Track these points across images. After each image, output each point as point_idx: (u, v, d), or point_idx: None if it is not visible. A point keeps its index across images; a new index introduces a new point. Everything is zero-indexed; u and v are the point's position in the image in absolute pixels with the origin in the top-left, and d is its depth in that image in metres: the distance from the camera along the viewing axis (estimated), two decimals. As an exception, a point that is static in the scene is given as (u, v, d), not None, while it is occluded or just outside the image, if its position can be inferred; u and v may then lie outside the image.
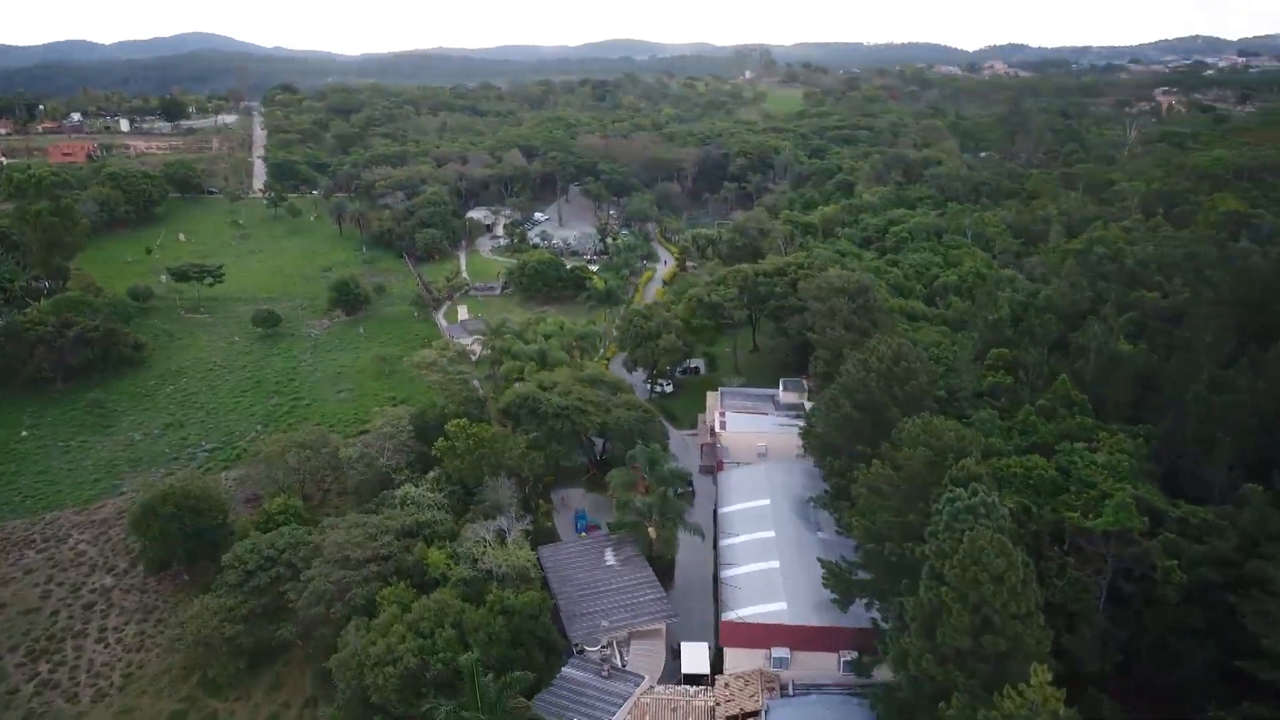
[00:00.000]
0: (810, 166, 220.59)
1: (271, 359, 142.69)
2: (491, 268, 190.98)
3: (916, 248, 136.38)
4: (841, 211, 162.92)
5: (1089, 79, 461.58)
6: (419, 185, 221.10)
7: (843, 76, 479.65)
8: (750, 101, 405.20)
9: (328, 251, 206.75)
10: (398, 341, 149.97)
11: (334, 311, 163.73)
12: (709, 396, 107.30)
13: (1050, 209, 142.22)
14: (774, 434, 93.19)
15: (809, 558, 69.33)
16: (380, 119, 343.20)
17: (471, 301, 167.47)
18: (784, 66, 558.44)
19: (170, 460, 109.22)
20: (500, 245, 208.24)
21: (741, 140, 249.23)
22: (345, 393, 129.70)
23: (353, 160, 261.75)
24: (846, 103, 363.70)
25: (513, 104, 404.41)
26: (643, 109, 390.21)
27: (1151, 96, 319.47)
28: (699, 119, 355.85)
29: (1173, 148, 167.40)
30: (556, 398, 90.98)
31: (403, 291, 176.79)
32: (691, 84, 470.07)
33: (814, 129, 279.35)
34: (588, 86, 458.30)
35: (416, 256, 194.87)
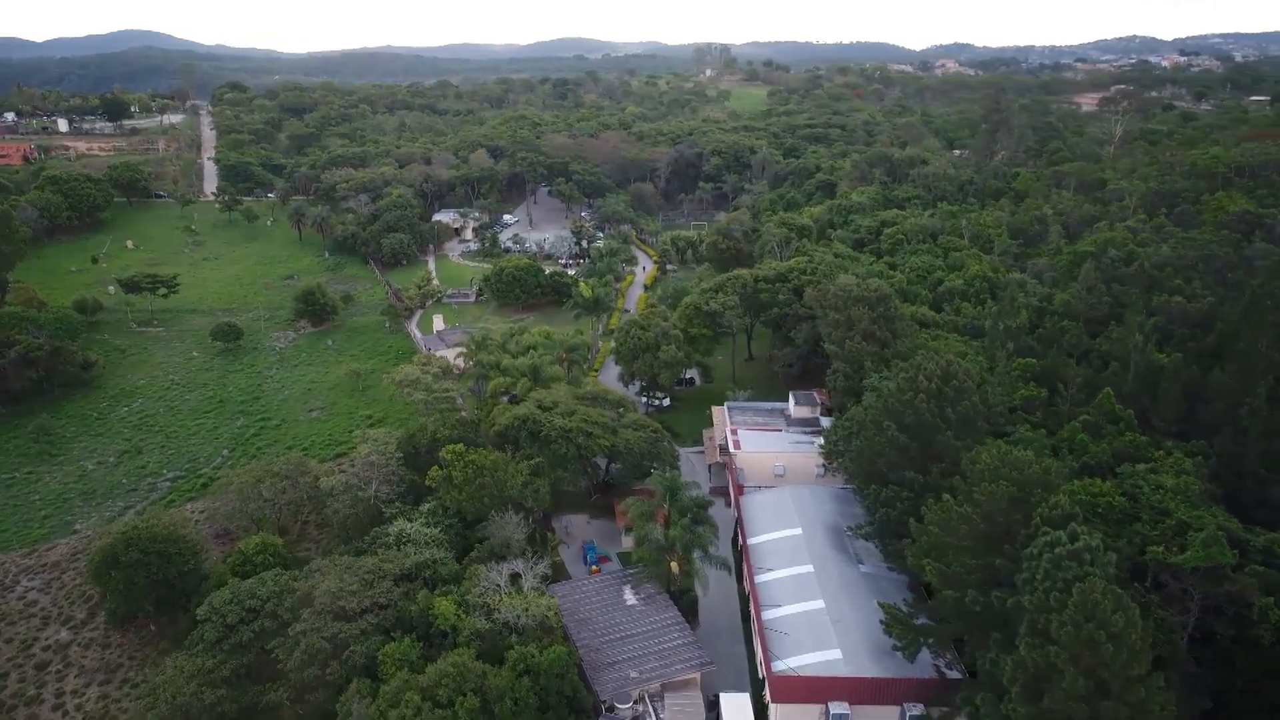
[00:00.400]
0: (788, 166, 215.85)
1: (234, 375, 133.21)
2: (463, 274, 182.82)
3: (914, 250, 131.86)
4: (829, 212, 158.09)
5: (1048, 77, 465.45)
6: (382, 187, 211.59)
7: (804, 75, 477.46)
8: (714, 100, 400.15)
9: (288, 258, 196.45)
10: (370, 354, 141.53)
11: (299, 323, 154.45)
12: (715, 412, 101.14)
13: (1045, 209, 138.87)
14: (791, 453, 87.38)
15: (856, 596, 63.57)
16: (336, 118, 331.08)
17: (445, 310, 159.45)
18: (744, 64, 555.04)
19: (128, 492, 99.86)
20: (470, 250, 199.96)
21: (714, 139, 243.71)
22: (317, 411, 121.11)
23: (310, 161, 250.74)
24: (812, 101, 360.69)
25: (472, 103, 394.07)
26: (605, 107, 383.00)
27: (1137, 94, 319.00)
28: (664, 117, 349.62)
29: (1150, 145, 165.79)
30: (560, 419, 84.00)
31: (371, 300, 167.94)
32: (653, 82, 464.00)
33: (784, 127, 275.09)
34: (548, 85, 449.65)
35: (383, 262, 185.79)
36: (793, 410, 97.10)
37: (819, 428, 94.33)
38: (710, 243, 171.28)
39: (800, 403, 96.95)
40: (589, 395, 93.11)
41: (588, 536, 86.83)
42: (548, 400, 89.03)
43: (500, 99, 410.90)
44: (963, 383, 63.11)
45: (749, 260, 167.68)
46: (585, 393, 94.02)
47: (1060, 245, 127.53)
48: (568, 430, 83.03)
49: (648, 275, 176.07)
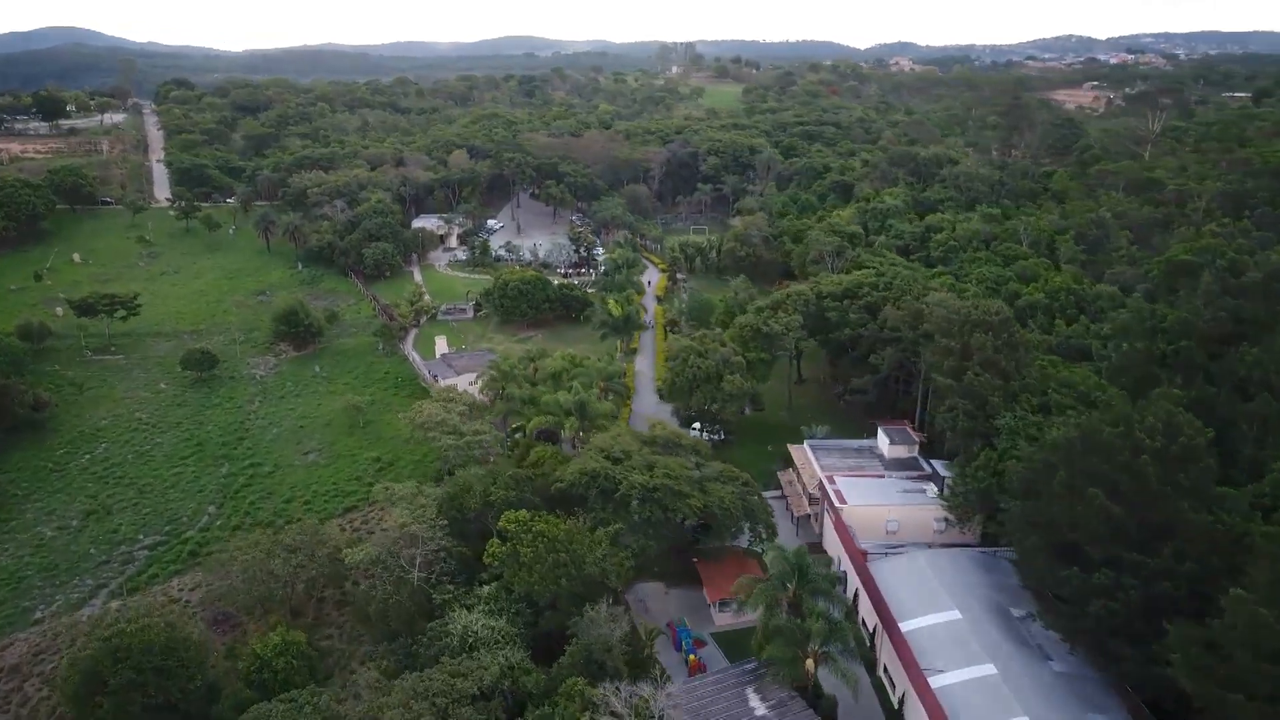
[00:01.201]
0: (790, 165, 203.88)
1: (212, 411, 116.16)
2: (454, 286, 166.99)
3: (972, 258, 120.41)
4: (860, 216, 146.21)
5: (1019, 74, 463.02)
6: (358, 191, 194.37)
7: (776, 72, 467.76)
8: (688, 97, 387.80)
9: (257, 271, 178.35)
10: (364, 382, 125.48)
11: (279, 346, 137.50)
12: (795, 452, 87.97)
13: (1101, 211, 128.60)
14: (903, 506, 74.67)
15: (1063, 710, 50.82)
16: (294, 117, 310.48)
17: (444, 329, 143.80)
18: (712, 61, 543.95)
19: (98, 566, 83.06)
20: (458, 259, 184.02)
21: (708, 138, 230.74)
22: (315, 454, 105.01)
23: (271, 163, 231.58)
24: (792, 98, 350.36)
25: (435, 100, 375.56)
26: (576, 105, 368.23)
27: (1176, 90, 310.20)
28: (639, 115, 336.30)
29: (1197, 142, 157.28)
30: (638, 475, 69.95)
31: (357, 318, 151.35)
32: (622, 79, 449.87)
33: (774, 125, 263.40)
34: (512, 82, 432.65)
35: (365, 275, 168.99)
36: (886, 449, 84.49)
37: (922, 470, 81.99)
38: (727, 249, 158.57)
39: (895, 441, 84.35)
40: (662, 440, 79.13)
41: (668, 611, 73.12)
42: (616, 448, 74.86)
43: (465, 96, 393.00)
44: (1192, 439, 50.81)
45: (771, 269, 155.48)
46: (655, 436, 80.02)
47: (1132, 252, 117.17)
48: (651, 489, 69.05)
49: (657, 285, 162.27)
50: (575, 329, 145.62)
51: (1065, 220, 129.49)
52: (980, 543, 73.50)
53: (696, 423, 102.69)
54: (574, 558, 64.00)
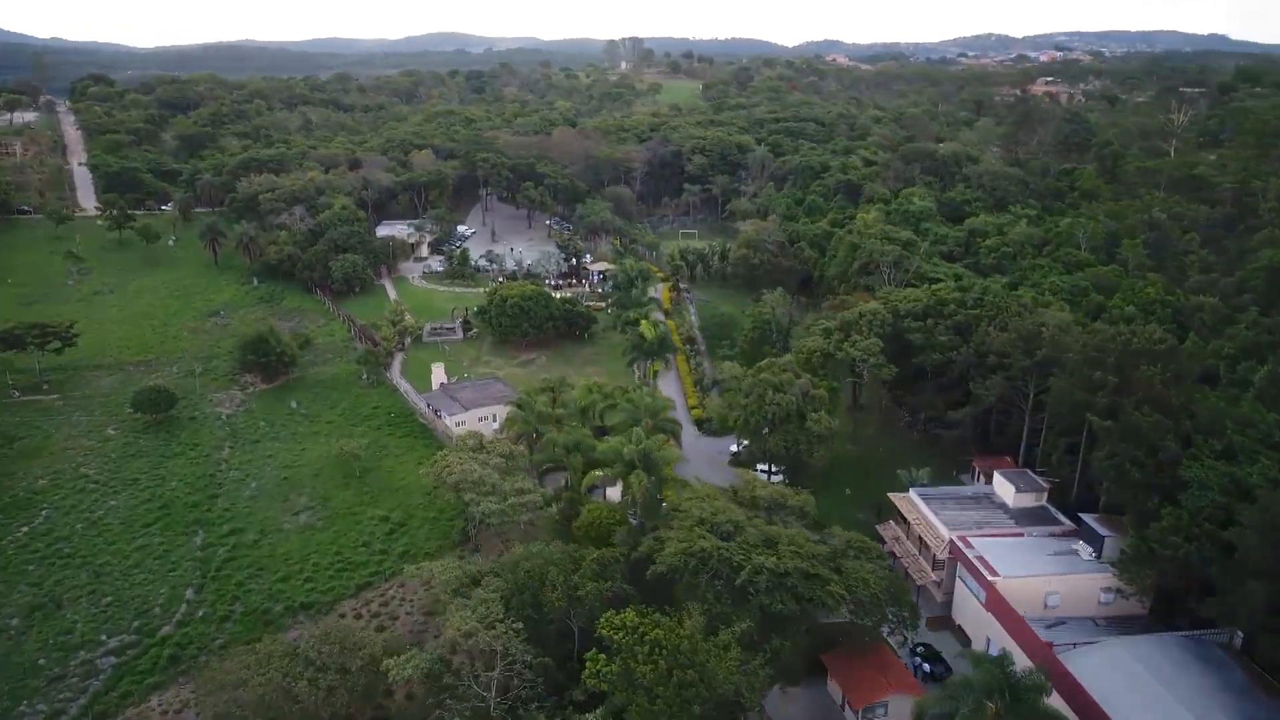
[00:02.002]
0: (783, 164, 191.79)
1: (174, 462, 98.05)
2: (433, 301, 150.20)
3: (1032, 265, 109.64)
4: (887, 218, 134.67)
5: (972, 69, 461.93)
6: (316, 197, 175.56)
7: (731, 67, 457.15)
8: (645, 93, 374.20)
9: (206, 288, 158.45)
10: (351, 418, 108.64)
11: (245, 378, 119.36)
12: (899, 502, 75.05)
13: (1155, 212, 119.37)
14: (1065, 576, 62.33)
15: None
16: (229, 115, 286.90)
17: (433, 351, 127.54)
18: (663, 57, 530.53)
19: (53, 683, 65.44)
20: (433, 270, 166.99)
21: (690, 135, 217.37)
22: (307, 513, 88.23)
23: (211, 165, 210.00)
24: (757, 94, 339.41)
25: (380, 97, 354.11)
26: (530, 101, 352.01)
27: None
28: (598, 111, 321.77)
29: (1230, 139, 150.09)
30: (764, 557, 55.98)
31: (331, 342, 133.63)
32: (574, 75, 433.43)
33: (750, 121, 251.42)
34: (459, 78, 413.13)
35: (333, 291, 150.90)
36: (1011, 498, 72.19)
37: (1058, 523, 69.97)
38: (738, 257, 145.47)
39: (1022, 488, 72.14)
40: (765, 501, 65.27)
41: (792, 716, 59.52)
42: (720, 518, 60.71)
43: (410, 93, 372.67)
44: None
45: (788, 277, 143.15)
46: (756, 496, 66.11)
47: (1203, 256, 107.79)
48: (781, 574, 55.16)
49: (661, 298, 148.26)
50: (580, 348, 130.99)
51: (1116, 221, 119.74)
52: (1152, 616, 61.69)
53: (760, 464, 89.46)
54: (703, 674, 49.91)
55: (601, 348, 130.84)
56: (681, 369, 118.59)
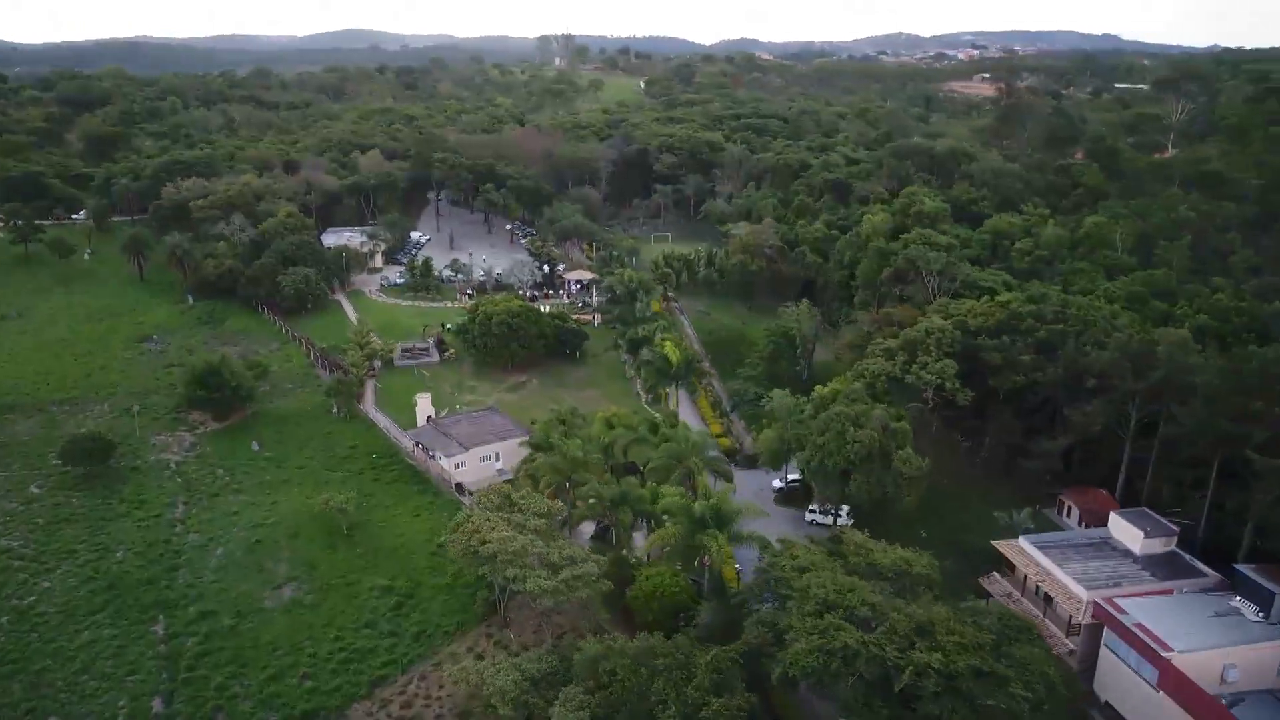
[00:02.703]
0: (763, 162, 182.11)
1: (118, 525, 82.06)
2: (396, 318, 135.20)
3: (1072, 269, 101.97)
4: (899, 221, 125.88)
5: (907, 66, 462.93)
6: (255, 203, 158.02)
7: (671, 63, 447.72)
8: (587, 90, 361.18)
9: (133, 309, 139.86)
10: (326, 461, 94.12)
11: (192, 416, 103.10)
12: (1007, 551, 65.11)
13: (1182, 210, 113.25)
14: (1246, 647, 53.19)
15: None
16: (141, 113, 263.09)
17: (403, 376, 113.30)
18: (598, 54, 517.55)
19: None
20: (392, 282, 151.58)
21: (655, 133, 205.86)
22: (291, 586, 73.95)
23: (128, 170, 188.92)
24: (701, 90, 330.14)
25: (305, 94, 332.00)
26: (466, 99, 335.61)
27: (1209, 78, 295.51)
28: (540, 109, 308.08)
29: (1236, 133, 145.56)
30: (925, 654, 45.00)
31: (288, 369, 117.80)
32: (510, 72, 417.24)
33: (709, 118, 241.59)
34: (388, 73, 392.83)
35: (283, 309, 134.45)
36: (1138, 545, 63.00)
37: (1197, 573, 61.04)
38: (735, 263, 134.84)
39: (1151, 532, 62.99)
40: (889, 569, 54.30)
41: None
42: (851, 599, 49.47)
43: (338, 90, 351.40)
44: None
45: (790, 285, 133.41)
46: (875, 561, 55.06)
47: (1247, 256, 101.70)
48: (951, 675, 44.24)
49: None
50: (572, 369, 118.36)
51: (1144, 222, 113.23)
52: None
53: (815, 505, 78.84)
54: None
55: (596, 368, 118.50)
56: (700, 392, 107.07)
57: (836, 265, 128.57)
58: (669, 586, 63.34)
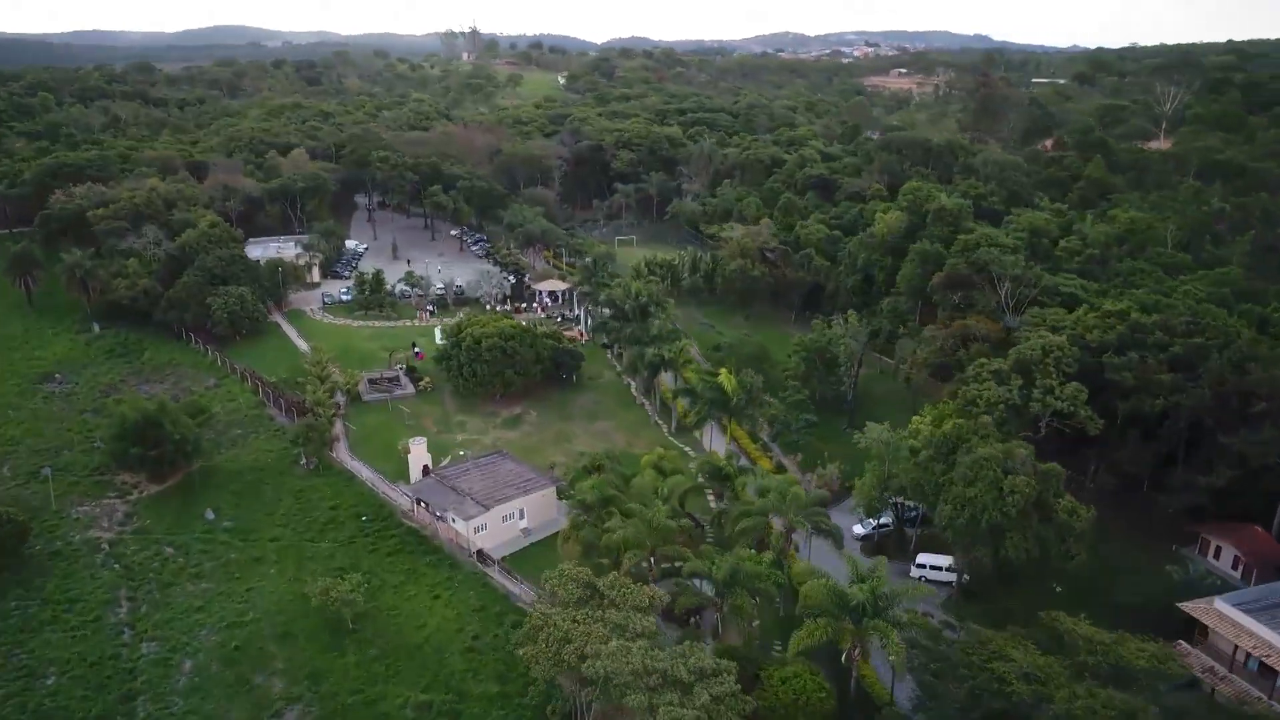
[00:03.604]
0: (730, 158, 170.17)
1: (42, 638, 63.06)
2: (351, 342, 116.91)
3: (1131, 269, 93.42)
4: (913, 218, 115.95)
5: (822, 62, 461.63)
6: (166, 212, 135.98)
7: (589, 58, 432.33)
8: (506, 84, 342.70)
9: (26, 341, 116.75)
10: (305, 529, 77.01)
11: (122, 478, 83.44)
12: (1203, 614, 54.27)
13: (1215, 204, 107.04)
14: None
15: None
16: (8, 111, 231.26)
17: (377, 411, 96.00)
18: (507, 49, 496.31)
19: None
20: (337, 299, 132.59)
21: (606, 129, 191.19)
22: (295, 711, 57.02)
23: (1, 175, 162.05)
24: (632, 84, 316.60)
25: (197, 90, 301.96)
26: (378, 94, 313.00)
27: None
28: (459, 104, 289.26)
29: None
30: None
31: (233, 410, 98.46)
32: (419, 66, 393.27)
33: (650, 111, 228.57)
34: (287, 67, 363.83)
35: (215, 335, 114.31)
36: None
37: None
38: (734, 268, 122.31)
39: (1370, 588, 53.20)
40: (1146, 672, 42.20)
41: None
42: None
43: (232, 85, 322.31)
44: None
45: (795, 291, 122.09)
46: (1130, 665, 42.91)
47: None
48: None
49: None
50: (572, 396, 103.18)
51: (1181, 216, 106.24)
52: None
53: (924, 557, 66.91)
54: None
55: (600, 395, 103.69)
56: (731, 427, 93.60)
57: (848, 269, 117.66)
58: (811, 693, 49.97)
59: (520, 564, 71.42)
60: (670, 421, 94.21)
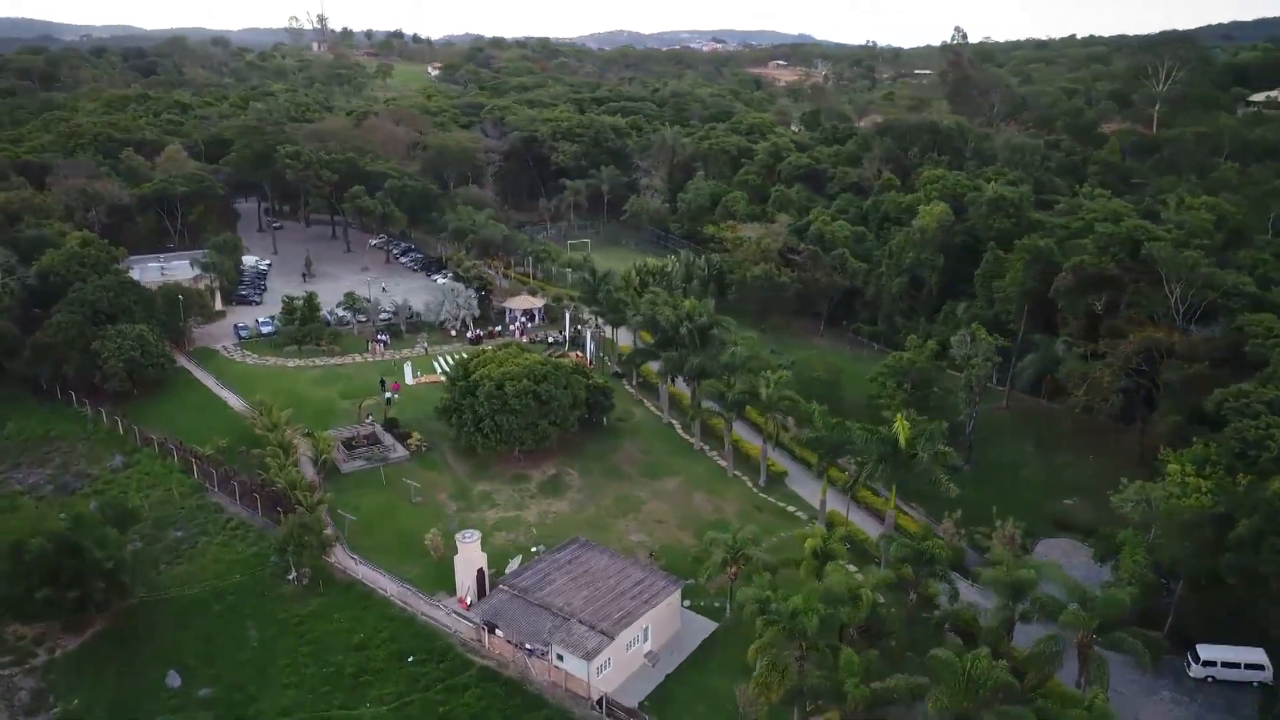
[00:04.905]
0: (685, 149, 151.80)
1: None
2: (296, 389, 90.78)
3: (1256, 260, 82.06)
4: (958, 212, 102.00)
5: (721, 53, 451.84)
6: (10, 227, 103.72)
7: (461, 48, 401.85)
8: (376, 75, 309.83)
9: None
10: (335, 688, 53.50)
11: (14, 630, 55.83)
12: None
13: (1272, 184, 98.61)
14: None
15: None
16: None
17: (370, 490, 71.51)
18: (363, 39, 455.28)
19: None
20: (258, 332, 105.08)
21: (531, 117, 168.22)
22: None
23: None
24: (517, 75, 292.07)
25: (3, 80, 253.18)
26: (230, 85, 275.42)
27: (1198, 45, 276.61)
28: (329, 97, 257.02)
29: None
30: None
31: (162, 500, 70.97)
32: (270, 56, 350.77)
33: (561, 100, 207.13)
34: (112, 57, 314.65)
35: (108, 392, 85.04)
36: None
37: None
38: (758, 274, 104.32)
39: None
40: None
41: None
42: None
43: (47, 75, 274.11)
44: None
45: (827, 299, 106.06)
46: None
47: None
48: None
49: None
50: (609, 447, 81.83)
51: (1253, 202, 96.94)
52: None
53: (1208, 650, 51.22)
54: None
55: (643, 440, 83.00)
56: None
57: (891, 271, 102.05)
58: None
59: (664, 714, 50.51)
60: (760, 475, 74.86)
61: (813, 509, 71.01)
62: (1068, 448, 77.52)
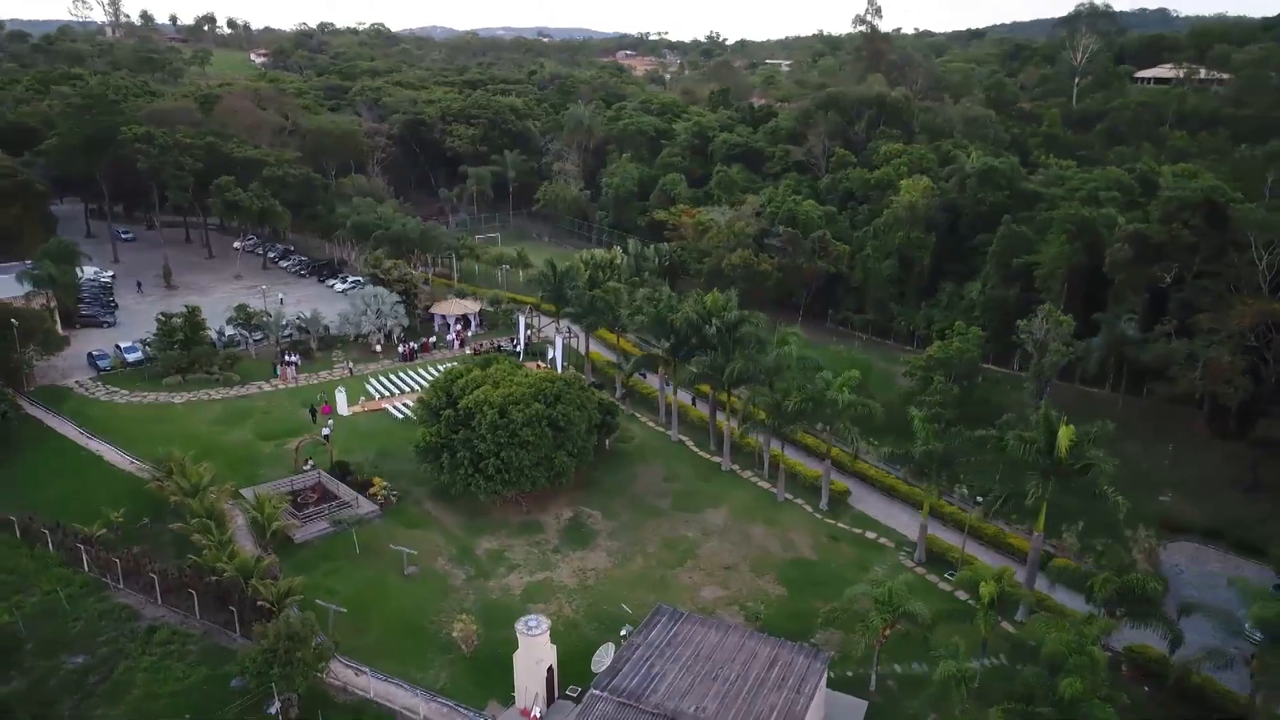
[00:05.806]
0: (599, 131, 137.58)
1: None
2: (196, 434, 70.26)
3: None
4: (948, 187, 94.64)
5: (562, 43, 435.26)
6: None
7: (289, 33, 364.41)
8: (193, 61, 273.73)
9: None
10: None
11: None
12: None
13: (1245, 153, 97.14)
14: None
15: None
16: None
17: (323, 554, 53.86)
18: (168, 21, 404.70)
19: None
20: (121, 361, 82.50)
21: (411, 98, 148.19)
22: None
23: None
24: (357, 60, 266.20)
25: None
26: (12, 69, 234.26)
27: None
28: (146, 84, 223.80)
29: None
30: None
31: (45, 603, 50.02)
32: (57, 39, 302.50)
33: (428, 80, 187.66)
34: None
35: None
36: None
37: None
38: (737, 261, 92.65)
39: None
40: None
41: None
42: None
43: None
44: None
45: (809, 287, 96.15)
46: None
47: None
48: None
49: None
50: (624, 473, 67.44)
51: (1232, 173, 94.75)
52: None
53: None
54: None
55: (662, 464, 69.24)
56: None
57: (876, 255, 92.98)
58: None
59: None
60: (820, 496, 62.72)
61: (897, 534, 59.80)
62: (1132, 436, 70.24)
